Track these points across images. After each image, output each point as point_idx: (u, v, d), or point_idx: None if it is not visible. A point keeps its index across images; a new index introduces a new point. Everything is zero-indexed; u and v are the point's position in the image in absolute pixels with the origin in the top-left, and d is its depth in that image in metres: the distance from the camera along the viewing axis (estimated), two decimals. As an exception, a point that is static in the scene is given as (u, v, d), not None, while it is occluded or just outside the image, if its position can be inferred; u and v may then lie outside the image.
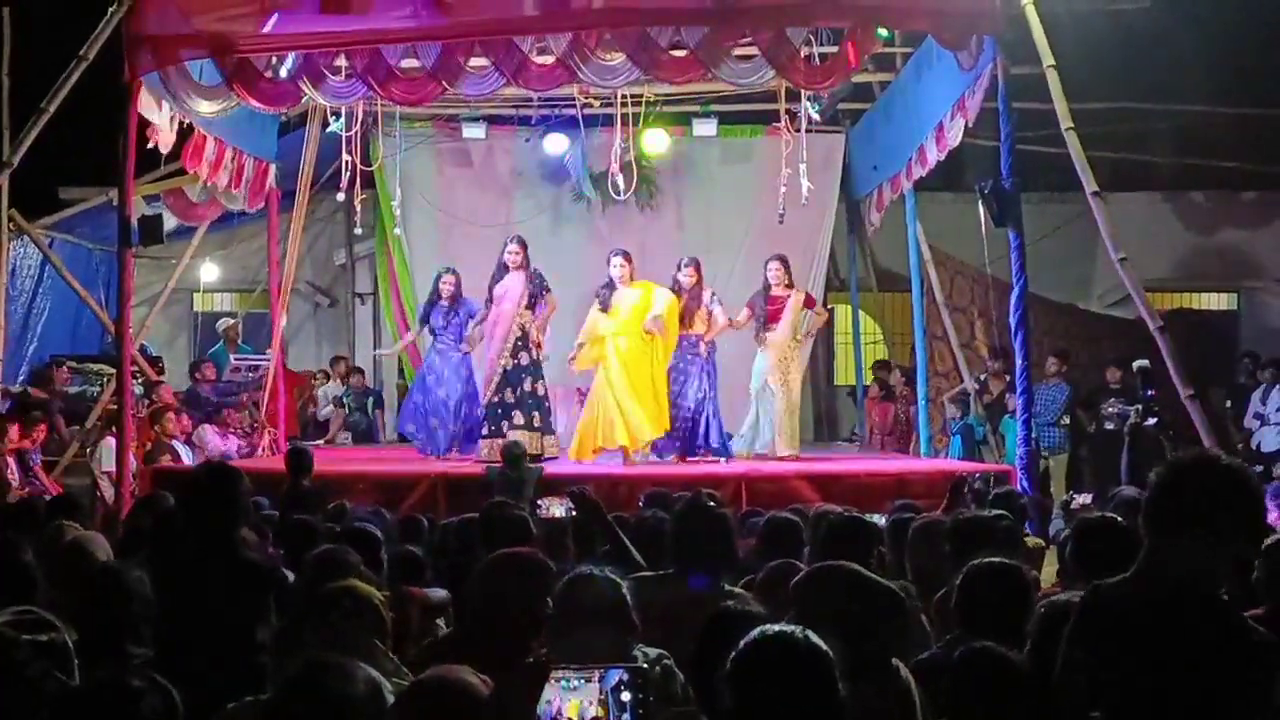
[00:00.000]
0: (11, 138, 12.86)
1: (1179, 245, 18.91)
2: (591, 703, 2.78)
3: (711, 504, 5.69)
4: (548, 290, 12.70)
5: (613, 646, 3.96)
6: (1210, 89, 15.93)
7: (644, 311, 12.35)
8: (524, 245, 12.76)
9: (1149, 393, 9.66)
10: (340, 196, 13.71)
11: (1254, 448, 14.73)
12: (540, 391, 12.59)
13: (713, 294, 12.83)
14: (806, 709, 2.82)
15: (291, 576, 6.42)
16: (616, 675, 2.78)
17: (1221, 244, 19.10)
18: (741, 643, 2.92)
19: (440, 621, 6.03)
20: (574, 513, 6.15)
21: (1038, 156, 13.59)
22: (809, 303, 13.10)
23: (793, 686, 2.84)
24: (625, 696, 2.75)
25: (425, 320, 13.10)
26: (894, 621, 4.15)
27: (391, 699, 3.15)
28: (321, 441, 16.60)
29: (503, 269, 12.68)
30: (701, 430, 12.52)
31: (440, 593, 6.09)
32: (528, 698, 2.83)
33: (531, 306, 12.60)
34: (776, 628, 2.97)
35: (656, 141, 15.62)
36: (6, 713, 3.07)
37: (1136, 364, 10.81)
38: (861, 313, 18.20)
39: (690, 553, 5.39)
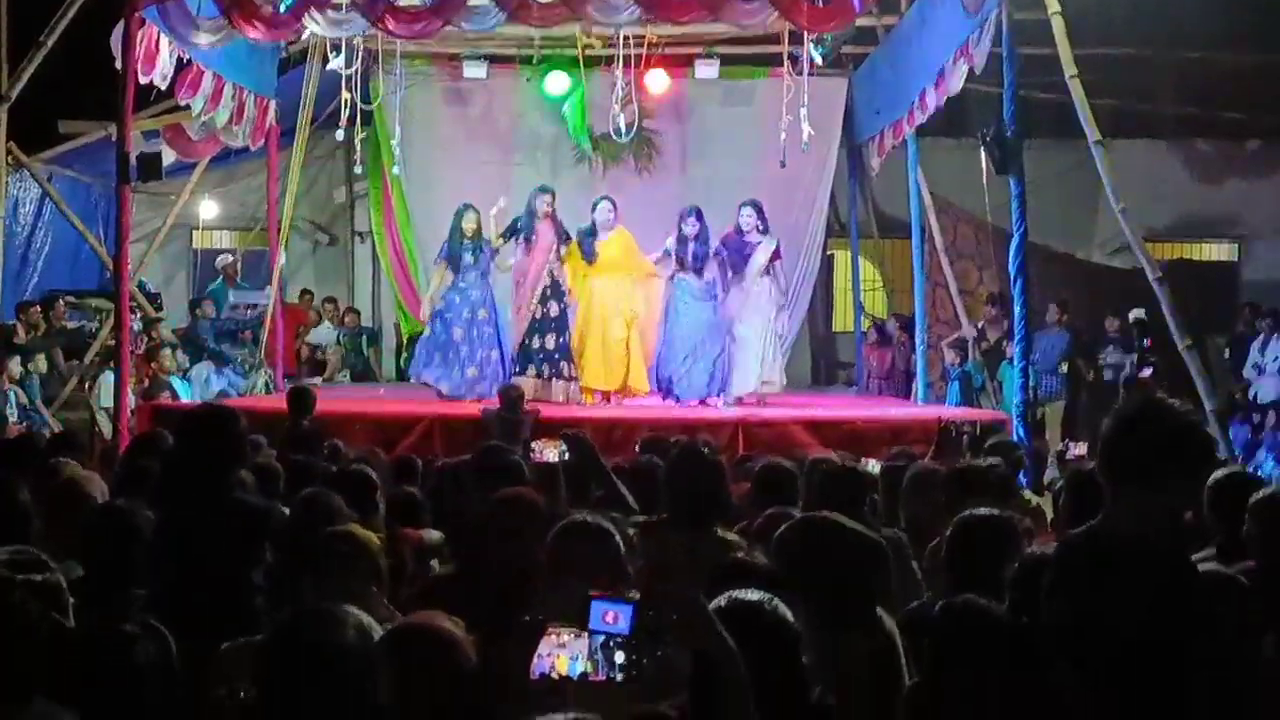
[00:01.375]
0: (10, 71, 12.83)
1: (1181, 194, 18.80)
2: (581, 658, 2.80)
3: (705, 451, 5.70)
4: (569, 239, 12.79)
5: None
6: (1215, 37, 15.79)
7: (628, 258, 12.53)
8: (554, 195, 12.86)
9: (1144, 343, 9.66)
10: (340, 135, 13.62)
11: (1251, 398, 14.77)
12: (565, 342, 12.67)
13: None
14: (769, 678, 2.88)
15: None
16: (602, 636, 2.80)
17: (1224, 193, 18.99)
18: (712, 605, 2.97)
19: (435, 563, 6.04)
20: (567, 456, 6.15)
21: (1041, 103, 13.52)
22: (777, 255, 12.84)
23: (755, 656, 2.91)
24: (618, 657, 2.78)
25: (449, 258, 12.92)
26: (878, 573, 4.18)
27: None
28: (320, 380, 16.63)
29: (532, 216, 12.71)
30: (699, 376, 12.53)
31: (435, 534, 6.11)
32: (523, 655, 2.86)
33: (559, 255, 12.71)
34: (744, 596, 3.04)
35: (658, 81, 15.52)
36: (3, 653, 3.08)
37: (1133, 315, 10.81)
38: (861, 258, 18.15)
39: (683, 499, 5.43)
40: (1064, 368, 14.69)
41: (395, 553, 5.73)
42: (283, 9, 11.17)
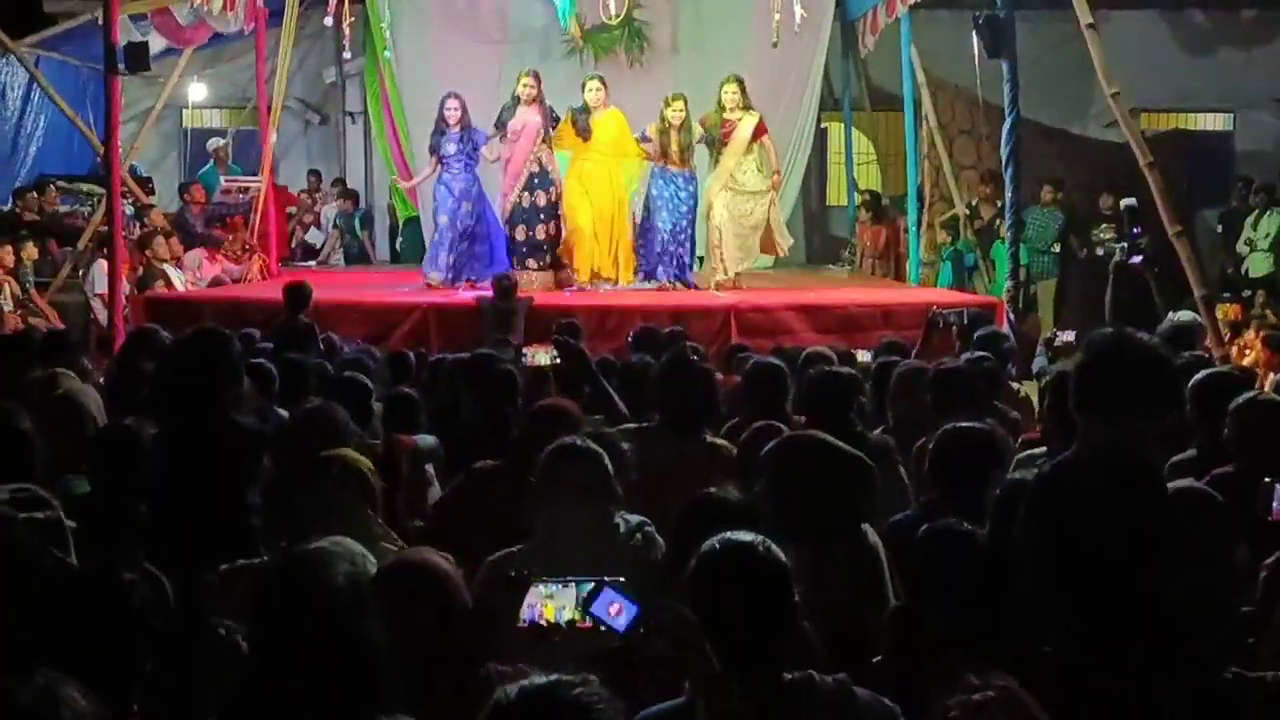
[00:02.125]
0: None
1: (1176, 65, 18.67)
2: (567, 606, 2.90)
3: (695, 358, 5.78)
4: (557, 120, 12.62)
5: (595, 516, 4.09)
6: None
7: (621, 140, 12.42)
8: (539, 79, 12.61)
9: (1135, 230, 9.70)
10: (329, 20, 13.45)
11: (1243, 273, 14.84)
12: (553, 232, 12.57)
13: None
14: (763, 618, 2.96)
15: (285, 414, 6.62)
16: (590, 584, 2.89)
17: (1218, 64, 18.85)
18: (703, 549, 3.03)
19: (429, 467, 6.15)
20: (559, 360, 6.23)
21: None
22: (761, 130, 12.65)
23: (749, 597, 2.97)
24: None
25: (435, 150, 12.79)
26: (863, 491, 4.29)
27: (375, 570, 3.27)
28: (314, 264, 16.68)
29: (515, 102, 12.52)
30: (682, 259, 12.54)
31: (429, 439, 6.21)
32: (511, 608, 2.96)
33: (546, 139, 12.50)
34: (736, 538, 3.05)
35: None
36: (5, 591, 3.17)
37: (1124, 202, 10.82)
38: (855, 131, 18.08)
39: (673, 406, 5.53)
40: (1056, 247, 14.72)
41: (390, 458, 5.86)
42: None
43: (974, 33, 10.78)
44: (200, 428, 4.53)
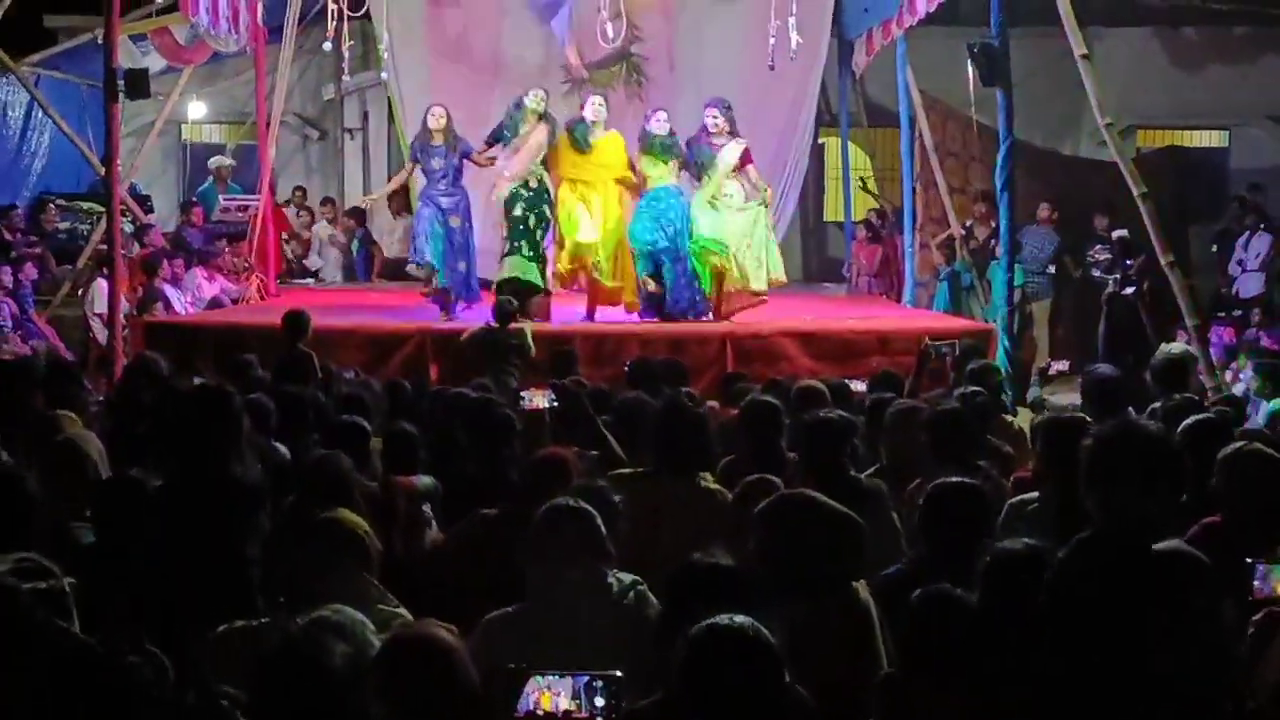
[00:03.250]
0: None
1: (1170, 82, 18.79)
2: (564, 695, 2.96)
3: (689, 403, 5.86)
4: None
5: (588, 576, 4.15)
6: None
7: (619, 162, 12.27)
8: (548, 95, 12.51)
9: (1128, 262, 9.77)
10: (328, 45, 13.45)
11: (1234, 293, 14.92)
12: (533, 222, 12.20)
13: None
14: (753, 701, 3.01)
15: (285, 450, 6.68)
16: (586, 677, 2.96)
17: (1212, 80, 18.95)
18: (693, 632, 3.08)
19: (427, 507, 6.21)
20: (556, 404, 6.30)
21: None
22: (746, 159, 12.24)
23: (740, 682, 3.03)
24: (598, 699, 2.94)
25: (417, 159, 12.57)
26: (854, 549, 4.36)
27: (374, 640, 3.32)
28: (312, 281, 16.74)
29: (519, 109, 12.28)
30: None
31: (427, 480, 6.26)
32: (508, 700, 3.01)
33: (544, 162, 12.31)
34: (726, 623, 3.10)
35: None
36: (8, 662, 3.22)
37: (1116, 233, 10.91)
38: (852, 145, 18.15)
39: (668, 453, 5.62)
40: (1052, 268, 14.80)
41: (388, 499, 5.93)
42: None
43: (968, 60, 10.83)
44: (201, 483, 4.59)
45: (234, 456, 4.70)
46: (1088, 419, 5.64)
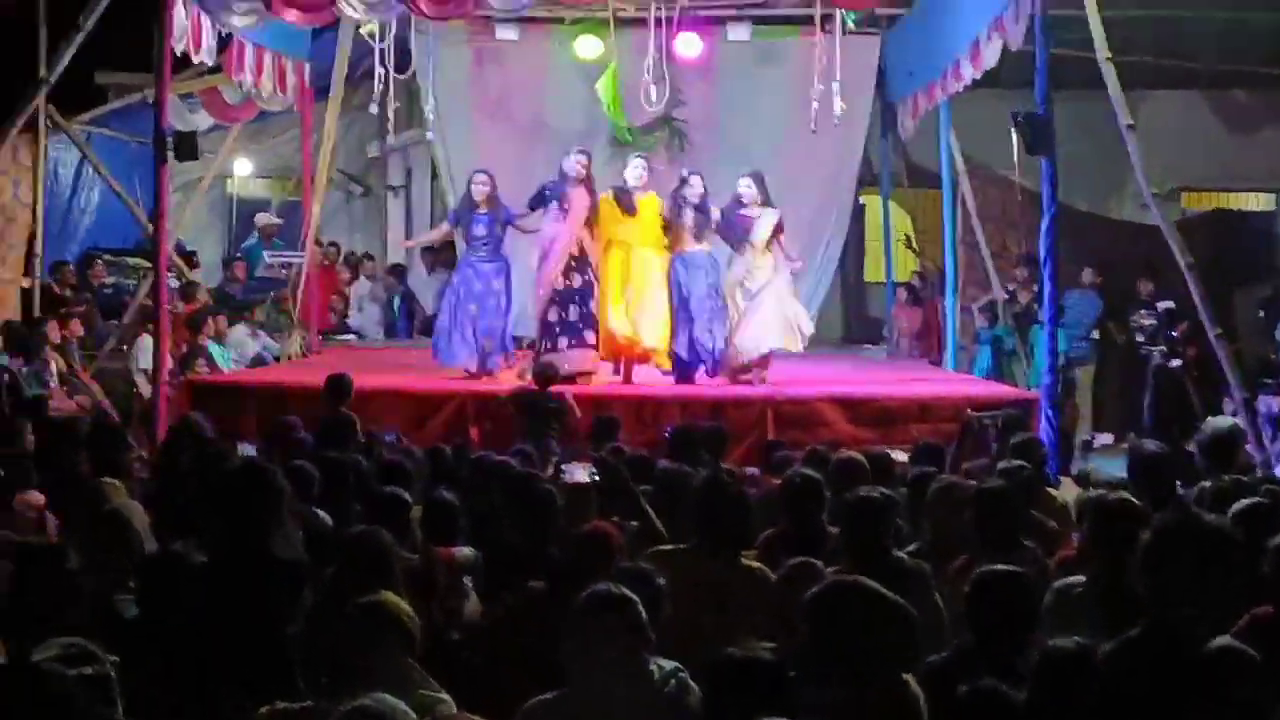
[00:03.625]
0: (49, 40, 12.89)
1: (1218, 144, 18.72)
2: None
3: (729, 481, 5.84)
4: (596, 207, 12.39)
5: (629, 663, 4.14)
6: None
7: (656, 222, 12.28)
8: (590, 159, 12.48)
9: (1173, 333, 9.71)
10: (374, 108, 13.54)
11: (1281, 359, 14.83)
12: (589, 311, 12.24)
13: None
14: None
15: (327, 517, 6.70)
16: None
17: (1261, 143, 18.86)
18: None
19: (468, 580, 6.20)
20: (597, 477, 6.30)
21: (1075, 59, 13.36)
22: (779, 230, 12.26)
23: None
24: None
25: (457, 223, 12.68)
26: (907, 640, 4.31)
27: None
28: (354, 338, 16.81)
29: (563, 179, 12.30)
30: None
31: (467, 552, 6.27)
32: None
33: (587, 223, 12.29)
34: None
35: (689, 45, 15.48)
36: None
37: (1161, 305, 10.86)
38: (893, 205, 18.13)
39: (709, 531, 5.61)
40: (1095, 333, 14.73)
41: (428, 571, 5.93)
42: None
43: (1012, 132, 10.79)
44: (243, 560, 4.60)
45: (276, 532, 4.72)
46: (1135, 501, 5.59)
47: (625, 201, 12.27)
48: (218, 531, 4.81)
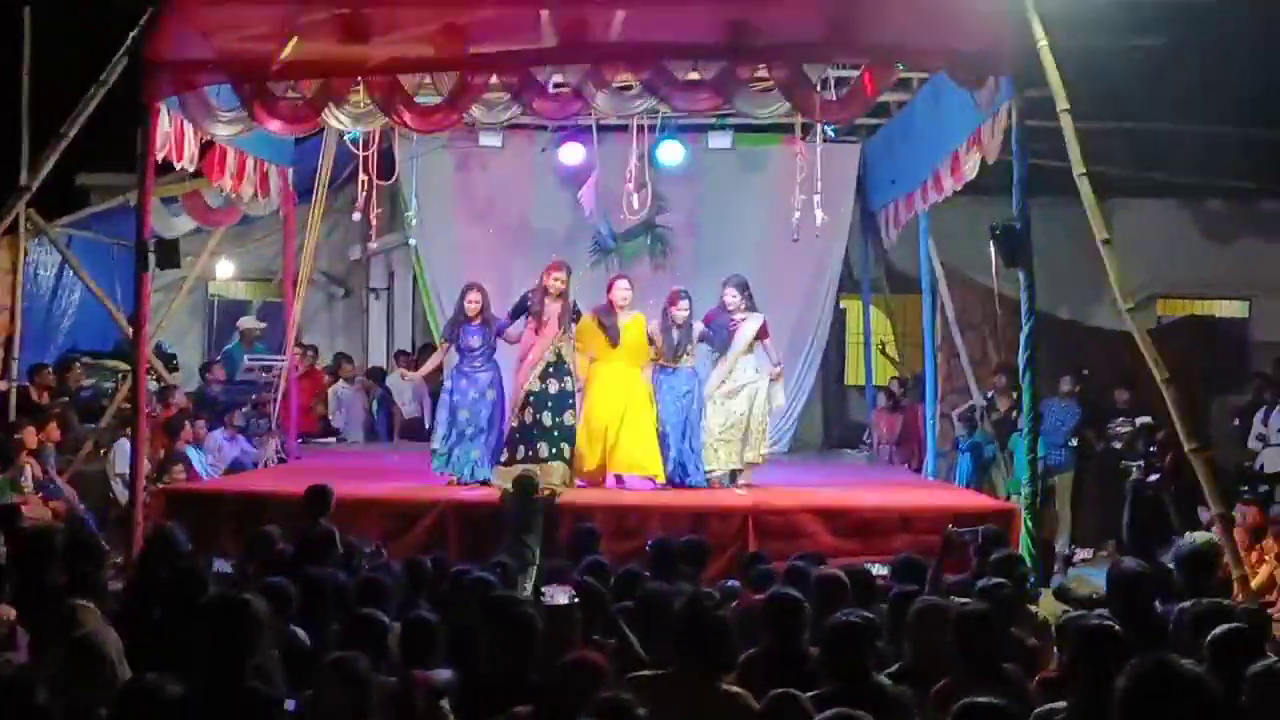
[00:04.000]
0: (31, 146, 12.94)
1: (1194, 252, 18.99)
2: None
3: (709, 605, 5.82)
4: (577, 317, 12.54)
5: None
6: (1221, 111, 15.96)
7: (642, 342, 12.46)
8: (570, 273, 12.60)
9: (1152, 449, 9.74)
10: (356, 215, 13.59)
11: (1257, 468, 14.86)
12: (570, 422, 12.30)
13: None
14: None
15: (304, 636, 6.65)
16: None
17: (1236, 252, 19.14)
18: None
19: (444, 703, 6.14)
20: (577, 599, 6.26)
21: (1051, 168, 13.51)
22: (763, 333, 12.48)
23: None
24: None
25: (451, 339, 12.68)
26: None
27: None
28: (334, 440, 16.77)
29: (543, 293, 12.44)
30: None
31: (445, 674, 6.20)
32: None
33: (568, 333, 12.41)
34: None
35: (671, 153, 15.64)
36: None
37: (1139, 420, 10.93)
38: (873, 309, 18.24)
39: (689, 657, 5.58)
40: (1074, 440, 14.76)
41: (406, 696, 5.87)
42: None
43: (990, 243, 10.87)
44: (219, 694, 4.55)
45: (253, 664, 4.67)
46: (1115, 627, 5.58)
47: (610, 328, 12.47)
48: (193, 662, 4.75)
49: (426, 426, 15.22)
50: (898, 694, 5.65)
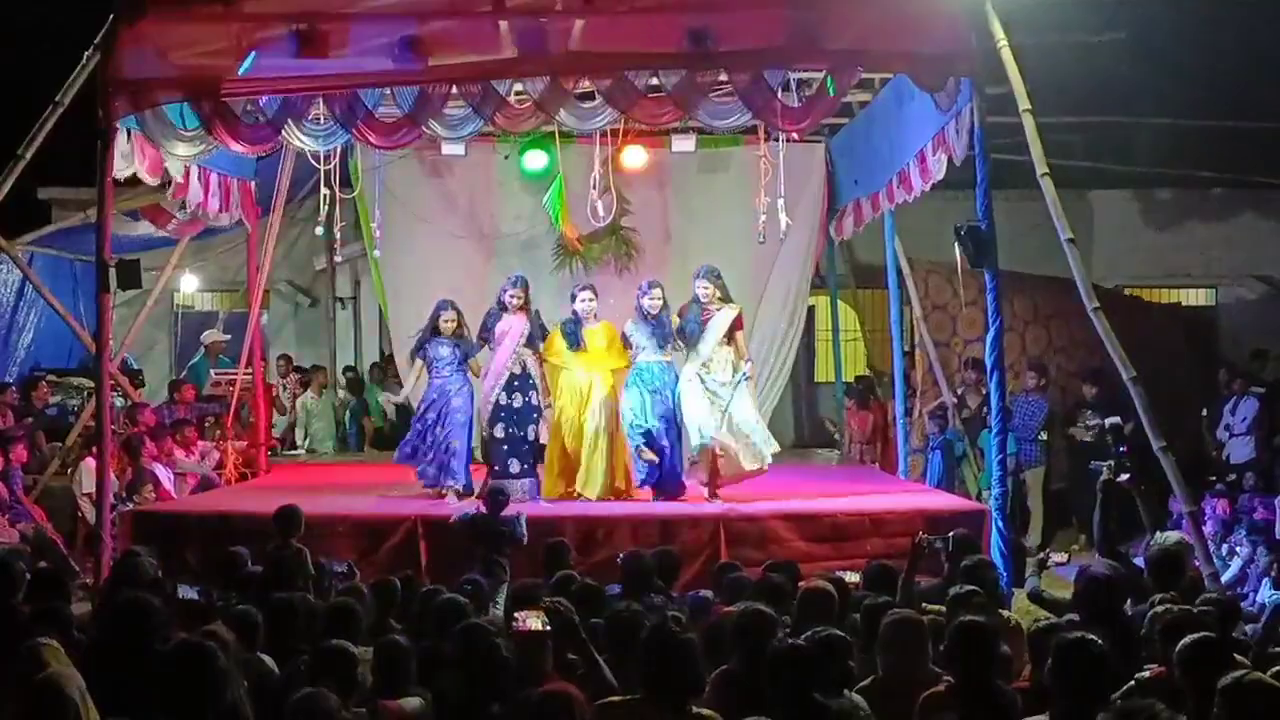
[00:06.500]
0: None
1: (1155, 242, 19.14)
2: None
3: (676, 629, 5.78)
4: (546, 333, 12.55)
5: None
6: (1177, 105, 16.12)
7: (613, 351, 12.41)
8: (526, 287, 12.60)
9: (1121, 449, 9.76)
10: (319, 230, 13.50)
11: (1225, 459, 14.94)
12: (532, 437, 12.38)
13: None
14: None
15: (271, 663, 6.61)
16: None
17: (1197, 240, 19.34)
18: None
19: (414, 731, 6.11)
20: (548, 626, 6.21)
21: (1016, 161, 13.50)
22: (739, 324, 12.22)
23: None
24: None
25: (422, 354, 12.61)
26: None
27: None
28: (303, 453, 16.69)
29: (501, 309, 12.48)
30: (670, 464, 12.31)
31: (414, 702, 6.16)
32: None
33: (530, 344, 12.43)
34: None
35: (635, 158, 15.61)
36: None
37: (1108, 421, 10.92)
38: (841, 303, 18.24)
39: (658, 683, 5.54)
40: (1043, 435, 14.80)
41: (376, 728, 5.84)
42: (262, 117, 11.16)
43: (955, 243, 10.88)
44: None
45: (215, 711, 4.63)
46: (1094, 641, 5.58)
47: (572, 335, 12.42)
48: (157, 704, 4.70)
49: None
50: (840, 709, 5.63)
